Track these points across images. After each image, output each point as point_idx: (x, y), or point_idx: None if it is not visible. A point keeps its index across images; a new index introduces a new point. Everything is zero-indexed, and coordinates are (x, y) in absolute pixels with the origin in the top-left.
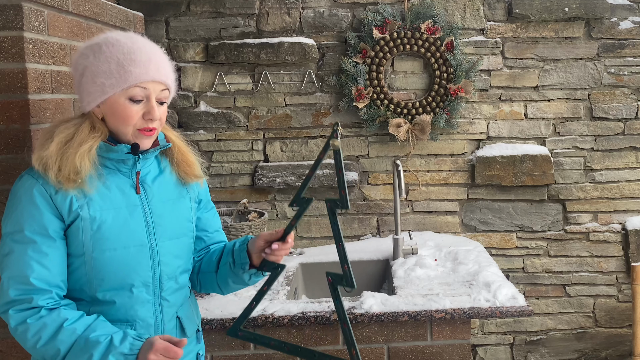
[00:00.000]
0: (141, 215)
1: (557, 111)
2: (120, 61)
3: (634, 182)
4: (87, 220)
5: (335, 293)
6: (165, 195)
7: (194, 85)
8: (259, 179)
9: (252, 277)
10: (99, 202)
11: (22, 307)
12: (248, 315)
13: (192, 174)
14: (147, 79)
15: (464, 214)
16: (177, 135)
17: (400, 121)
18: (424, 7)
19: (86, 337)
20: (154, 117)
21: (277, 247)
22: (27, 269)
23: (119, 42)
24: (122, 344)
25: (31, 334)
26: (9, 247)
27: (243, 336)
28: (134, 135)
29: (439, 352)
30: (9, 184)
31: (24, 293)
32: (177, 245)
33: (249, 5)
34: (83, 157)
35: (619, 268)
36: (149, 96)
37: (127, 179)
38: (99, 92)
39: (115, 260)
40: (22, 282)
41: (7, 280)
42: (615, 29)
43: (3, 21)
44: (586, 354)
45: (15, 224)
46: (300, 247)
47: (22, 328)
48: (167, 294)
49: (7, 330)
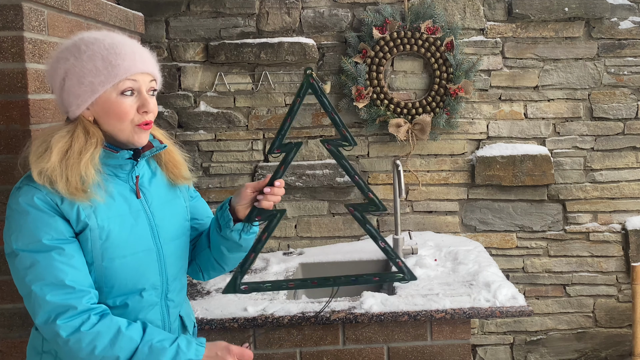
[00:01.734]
0: (145, 220)
1: (557, 111)
2: (105, 57)
3: (634, 182)
4: (95, 230)
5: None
6: (162, 197)
7: (194, 85)
8: (259, 178)
9: (242, 234)
10: (105, 210)
11: (69, 314)
12: (247, 267)
13: (181, 175)
14: (136, 70)
15: (464, 214)
16: (162, 133)
17: (400, 121)
18: (424, 7)
19: (149, 343)
20: (150, 109)
21: (269, 190)
22: (59, 273)
23: (97, 40)
24: (189, 349)
25: (85, 342)
26: (30, 260)
27: (248, 290)
28: (133, 131)
29: (439, 352)
30: (9, 184)
31: (65, 298)
32: (179, 246)
33: (249, 5)
34: (87, 166)
35: (619, 268)
36: (139, 88)
37: (125, 184)
38: (89, 92)
39: (126, 267)
40: (59, 286)
41: (41, 289)
42: (615, 29)
43: (3, 21)
44: (586, 354)
45: (29, 235)
46: (300, 247)
47: (75, 338)
48: (172, 294)
49: (7, 331)
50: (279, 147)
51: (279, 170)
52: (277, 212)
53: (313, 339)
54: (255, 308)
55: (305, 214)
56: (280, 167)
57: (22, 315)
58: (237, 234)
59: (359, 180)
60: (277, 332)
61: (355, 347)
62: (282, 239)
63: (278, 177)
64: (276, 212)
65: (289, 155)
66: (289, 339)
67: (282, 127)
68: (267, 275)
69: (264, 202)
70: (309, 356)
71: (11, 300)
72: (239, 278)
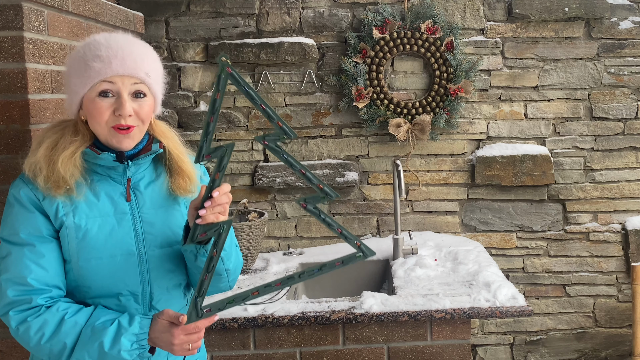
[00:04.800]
0: (130, 223)
1: (557, 111)
2: (85, 59)
3: (634, 182)
4: (72, 228)
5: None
6: (157, 202)
7: (194, 85)
8: (259, 179)
9: (198, 256)
10: (85, 209)
11: (21, 307)
12: (204, 289)
13: (185, 188)
14: (110, 73)
15: (464, 214)
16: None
17: (400, 121)
18: (424, 7)
19: (91, 325)
20: (124, 113)
21: (209, 204)
22: (24, 269)
23: (92, 42)
24: (132, 325)
25: (33, 331)
26: (7, 250)
27: (211, 311)
28: (110, 134)
29: (439, 352)
30: (9, 184)
31: (23, 294)
32: (169, 254)
33: (249, 5)
34: (66, 163)
35: (619, 268)
36: (118, 91)
37: (118, 185)
38: (73, 94)
39: (102, 268)
40: (20, 282)
41: (5, 282)
42: (615, 29)
43: (3, 21)
44: (586, 354)
45: (10, 227)
46: (300, 247)
47: (23, 327)
48: (160, 304)
49: (7, 330)
50: (208, 152)
51: (214, 179)
52: (223, 224)
53: (313, 339)
54: (255, 308)
55: (305, 214)
56: (216, 174)
57: None
58: (193, 255)
59: (306, 173)
60: (277, 332)
61: (355, 347)
62: (282, 239)
63: (215, 187)
64: (222, 224)
65: (223, 160)
66: (289, 339)
67: (206, 130)
68: (267, 275)
69: (208, 216)
70: (309, 356)
71: None
72: (199, 303)
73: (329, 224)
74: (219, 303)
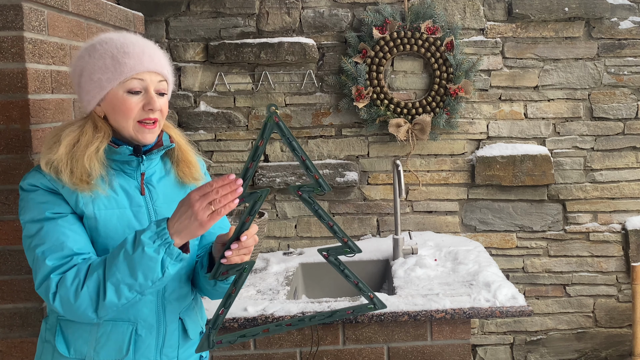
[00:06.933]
0: (145, 216)
1: (557, 111)
2: (114, 55)
3: (634, 182)
4: (92, 218)
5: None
6: (170, 197)
7: (194, 85)
8: (259, 179)
9: (218, 282)
10: (104, 201)
11: (62, 270)
12: (218, 323)
13: (191, 175)
14: (142, 69)
15: (464, 214)
16: (179, 134)
17: (400, 121)
18: (424, 7)
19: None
20: (154, 107)
21: (236, 247)
22: (61, 235)
23: (111, 40)
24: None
25: (69, 281)
26: (37, 226)
27: (222, 343)
28: (135, 129)
29: (439, 352)
30: (9, 183)
31: (62, 258)
32: None
33: (249, 5)
34: (91, 158)
35: (619, 268)
36: (147, 87)
37: (132, 179)
38: (98, 89)
39: None
40: (59, 249)
41: (42, 253)
42: (615, 29)
43: (3, 21)
44: (586, 354)
45: (34, 209)
46: (300, 247)
47: (61, 284)
48: (171, 295)
49: (8, 331)
50: (242, 195)
51: (244, 222)
52: (246, 265)
53: (313, 339)
54: (255, 308)
55: (305, 214)
56: (246, 218)
57: (22, 315)
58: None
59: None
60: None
61: (355, 347)
62: (282, 239)
63: (244, 230)
64: (244, 265)
65: (255, 205)
66: (289, 339)
67: (244, 175)
68: (267, 275)
69: (233, 258)
70: (309, 356)
71: (11, 300)
72: (212, 335)
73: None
74: (231, 336)
